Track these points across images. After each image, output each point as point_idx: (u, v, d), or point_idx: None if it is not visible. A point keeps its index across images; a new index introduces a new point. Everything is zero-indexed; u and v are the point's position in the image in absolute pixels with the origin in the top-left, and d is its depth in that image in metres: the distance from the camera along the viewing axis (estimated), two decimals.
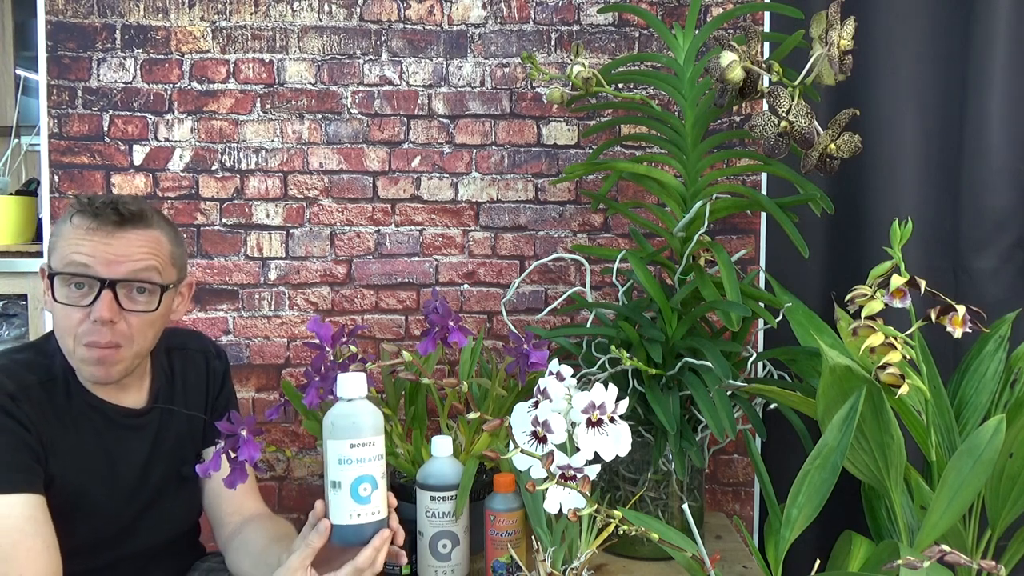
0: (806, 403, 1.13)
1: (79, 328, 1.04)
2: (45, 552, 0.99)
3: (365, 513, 0.95)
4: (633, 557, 1.29)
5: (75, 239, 1.05)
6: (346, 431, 0.96)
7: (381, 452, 0.97)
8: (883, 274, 1.09)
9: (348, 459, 0.95)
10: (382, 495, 0.97)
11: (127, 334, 1.06)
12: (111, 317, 1.04)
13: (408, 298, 1.63)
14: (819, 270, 1.59)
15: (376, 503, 0.96)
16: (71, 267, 1.04)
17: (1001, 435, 1.00)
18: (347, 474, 0.95)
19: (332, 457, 0.96)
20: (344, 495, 0.95)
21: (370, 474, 0.95)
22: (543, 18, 1.60)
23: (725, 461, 1.64)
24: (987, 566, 0.77)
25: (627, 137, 1.55)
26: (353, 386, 0.98)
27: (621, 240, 1.62)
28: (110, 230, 1.05)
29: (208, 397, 1.25)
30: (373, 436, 0.96)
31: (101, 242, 1.04)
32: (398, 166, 1.62)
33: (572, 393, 0.96)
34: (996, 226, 1.55)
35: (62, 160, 1.58)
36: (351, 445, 0.95)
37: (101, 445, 1.12)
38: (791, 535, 1.02)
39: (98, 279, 1.03)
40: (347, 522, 0.95)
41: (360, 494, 0.95)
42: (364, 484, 0.95)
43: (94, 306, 1.03)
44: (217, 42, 1.59)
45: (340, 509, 0.95)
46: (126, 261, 1.05)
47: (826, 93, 1.45)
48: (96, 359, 1.05)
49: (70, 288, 1.05)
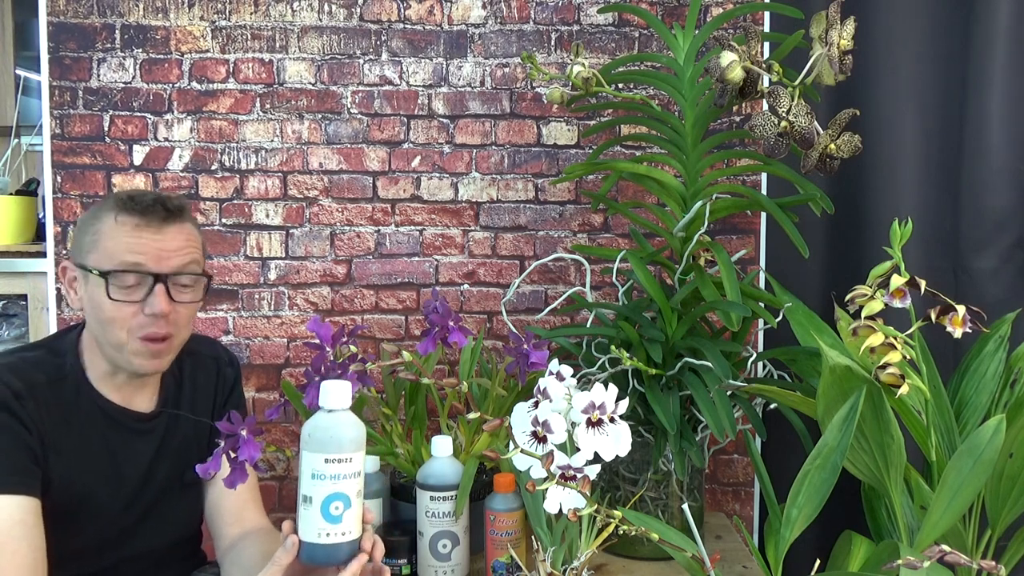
0: (806, 403, 1.13)
1: (133, 321, 1.07)
2: (30, 555, 0.99)
3: (335, 533, 0.90)
4: (633, 557, 1.29)
5: (124, 237, 1.07)
6: (323, 444, 0.91)
7: (359, 469, 0.93)
8: (883, 274, 1.09)
9: (322, 474, 0.90)
10: (355, 515, 0.92)
11: (176, 323, 1.10)
12: (168, 310, 1.07)
13: (408, 298, 1.63)
14: (819, 270, 1.59)
15: (348, 523, 0.91)
16: (124, 265, 1.06)
17: (1001, 435, 1.00)
18: (319, 490, 0.90)
19: (306, 470, 0.91)
20: (314, 512, 0.90)
21: (344, 492, 0.90)
22: (543, 18, 1.60)
23: (725, 461, 1.64)
24: (987, 566, 0.77)
25: (627, 137, 1.55)
26: (336, 396, 0.93)
27: (621, 240, 1.62)
28: (158, 226, 1.09)
29: (216, 403, 1.25)
30: (351, 452, 0.91)
31: (151, 239, 1.08)
32: (398, 166, 1.62)
33: (572, 393, 0.96)
34: (996, 226, 1.55)
35: (64, 160, 1.58)
36: (326, 460, 0.90)
37: (106, 446, 1.12)
38: (791, 535, 1.02)
39: (151, 274, 1.07)
40: (315, 540, 0.90)
41: (331, 512, 0.90)
42: (336, 503, 0.90)
43: (149, 300, 1.07)
44: (217, 42, 1.59)
45: (309, 526, 0.91)
46: (175, 256, 1.09)
47: (826, 93, 1.45)
48: (152, 352, 1.09)
49: (121, 288, 1.07)
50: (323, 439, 0.91)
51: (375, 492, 1.28)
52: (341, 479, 0.90)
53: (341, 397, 0.93)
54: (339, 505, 0.90)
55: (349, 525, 0.91)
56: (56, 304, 1.58)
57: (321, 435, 0.91)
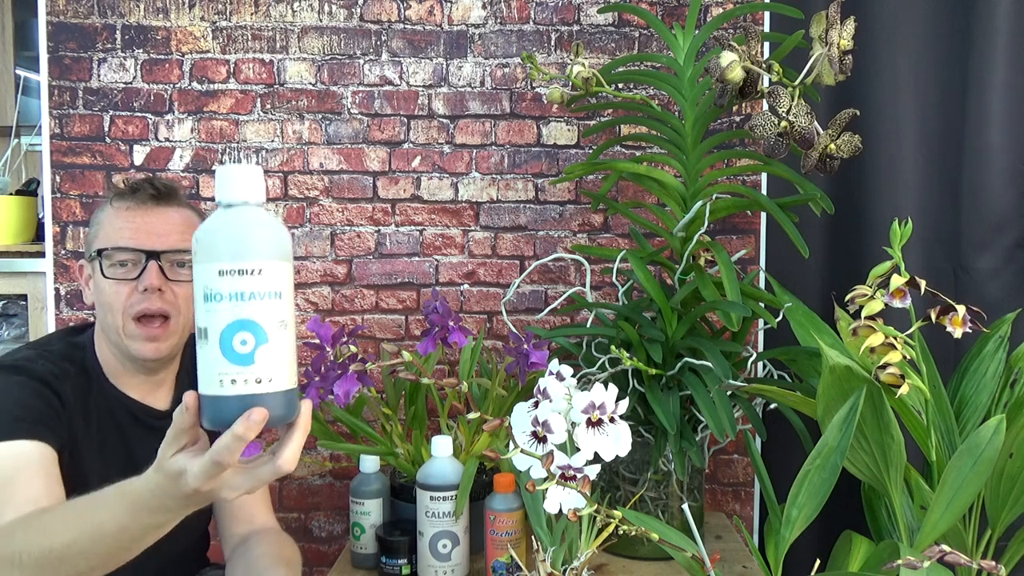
0: (806, 403, 1.13)
1: (128, 301, 1.08)
2: (45, 487, 0.97)
3: (245, 379, 0.64)
4: (633, 557, 1.29)
5: (117, 219, 1.11)
6: (214, 250, 0.65)
7: (278, 289, 0.66)
8: (883, 274, 1.09)
9: (217, 293, 0.64)
10: (278, 356, 0.66)
11: (175, 303, 1.10)
12: (159, 284, 1.08)
13: (408, 298, 1.63)
14: (819, 270, 1.59)
15: (265, 365, 0.65)
16: (117, 242, 1.09)
17: (1001, 435, 1.00)
18: (216, 317, 0.64)
19: (198, 292, 0.66)
20: (212, 350, 0.64)
21: (253, 319, 0.64)
22: (543, 18, 1.60)
23: (725, 461, 1.64)
24: (987, 566, 0.77)
25: (627, 137, 1.55)
26: (235, 185, 0.66)
27: (621, 240, 1.62)
28: (149, 206, 1.11)
29: None
30: (261, 260, 0.65)
31: (143, 218, 1.10)
32: (398, 166, 1.62)
33: (572, 393, 0.96)
34: (996, 226, 1.55)
35: (63, 160, 1.58)
36: (221, 272, 0.65)
37: (124, 443, 1.13)
38: (791, 535, 1.02)
39: (143, 251, 1.09)
40: (216, 392, 0.64)
41: (236, 348, 0.64)
42: (242, 334, 0.64)
43: (141, 277, 1.08)
44: (217, 42, 1.59)
45: (208, 371, 0.65)
46: (167, 234, 1.11)
47: (826, 93, 1.45)
48: (147, 336, 1.09)
49: (116, 266, 1.09)
50: (215, 243, 0.66)
51: (375, 492, 1.29)
52: (247, 300, 0.65)
53: (245, 186, 0.67)
54: (247, 338, 0.64)
55: (267, 368, 0.65)
56: (56, 304, 1.58)
57: (213, 238, 0.66)
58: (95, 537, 0.78)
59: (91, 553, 0.79)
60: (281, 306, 0.67)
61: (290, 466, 0.69)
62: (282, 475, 0.68)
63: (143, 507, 0.75)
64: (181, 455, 0.70)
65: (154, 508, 0.74)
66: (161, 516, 0.75)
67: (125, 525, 0.76)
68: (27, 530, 0.83)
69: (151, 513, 0.75)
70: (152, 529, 0.77)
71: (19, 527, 0.85)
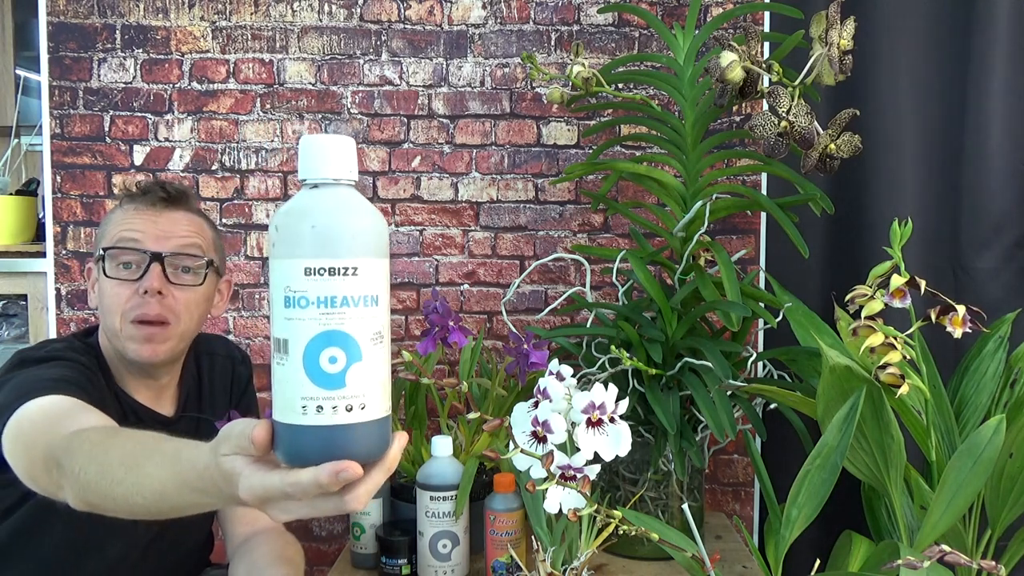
0: (806, 403, 1.13)
1: (127, 304, 1.07)
2: (99, 418, 0.92)
3: (335, 405, 0.52)
4: (633, 557, 1.29)
5: (124, 219, 1.10)
6: (301, 242, 0.53)
7: (376, 292, 0.54)
8: (883, 274, 1.09)
9: (301, 298, 0.52)
10: (373, 377, 0.54)
11: (175, 309, 1.09)
12: (160, 287, 1.07)
13: (408, 298, 1.63)
14: (819, 270, 1.59)
15: (357, 389, 0.53)
16: (121, 241, 1.08)
17: (1001, 435, 1.00)
18: (300, 328, 0.52)
19: (276, 295, 0.54)
20: (293, 368, 0.53)
21: (345, 331, 0.52)
22: (543, 18, 1.60)
23: (725, 461, 1.64)
24: (987, 566, 0.77)
25: (627, 137, 1.55)
26: (325, 158, 0.53)
27: (621, 240, 1.62)
28: (158, 209, 1.11)
29: (231, 403, 1.25)
30: (360, 257, 0.53)
31: (149, 219, 1.09)
32: (398, 166, 1.62)
33: (572, 393, 0.96)
34: (996, 226, 1.55)
35: (64, 160, 1.58)
36: (307, 270, 0.52)
37: None
38: (791, 535, 1.02)
39: (147, 252, 1.07)
40: (295, 420, 0.53)
41: (324, 367, 0.52)
42: (332, 349, 0.52)
43: (143, 279, 1.07)
44: (217, 42, 1.59)
45: (287, 394, 0.54)
46: (173, 237, 1.10)
47: (826, 93, 1.45)
48: (144, 337, 1.07)
49: (119, 266, 1.08)
50: (299, 233, 0.53)
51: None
52: (339, 307, 0.52)
53: (337, 160, 0.54)
54: (337, 354, 0.52)
55: (360, 392, 0.53)
56: (56, 304, 1.58)
57: (297, 226, 0.53)
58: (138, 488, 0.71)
59: (137, 496, 0.72)
60: (378, 315, 0.54)
61: (359, 507, 0.56)
62: (345, 513, 0.58)
63: (186, 484, 0.67)
64: (239, 458, 0.60)
65: (197, 489, 0.66)
66: (203, 499, 0.68)
67: (166, 492, 0.69)
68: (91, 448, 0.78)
69: (192, 492, 0.67)
70: (190, 508, 0.70)
71: (84, 442, 0.79)
